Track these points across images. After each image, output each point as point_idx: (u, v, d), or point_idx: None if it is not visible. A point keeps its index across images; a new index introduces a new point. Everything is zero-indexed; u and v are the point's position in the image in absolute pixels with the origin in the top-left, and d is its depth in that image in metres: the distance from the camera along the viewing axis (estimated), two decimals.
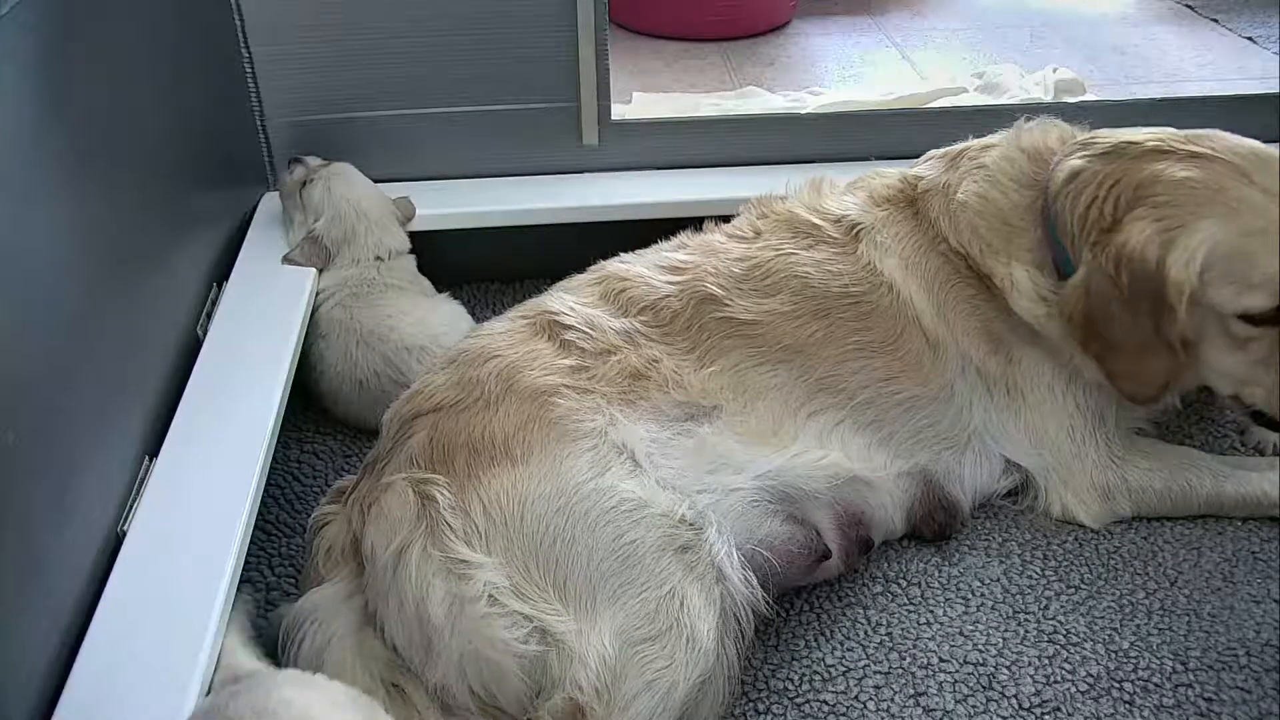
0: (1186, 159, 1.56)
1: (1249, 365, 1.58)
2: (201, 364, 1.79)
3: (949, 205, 1.75)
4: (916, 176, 1.83)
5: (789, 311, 1.69)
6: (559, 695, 1.31)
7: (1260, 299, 1.51)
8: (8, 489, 1.19)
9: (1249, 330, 1.54)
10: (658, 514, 1.42)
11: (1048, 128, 1.79)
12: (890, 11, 4.41)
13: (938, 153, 1.87)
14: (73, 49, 1.49)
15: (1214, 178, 1.53)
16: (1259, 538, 1.75)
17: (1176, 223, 1.52)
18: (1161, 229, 1.53)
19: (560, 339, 1.62)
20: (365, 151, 2.27)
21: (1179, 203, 1.53)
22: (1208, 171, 1.54)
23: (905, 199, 1.81)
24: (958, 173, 1.78)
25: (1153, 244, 1.52)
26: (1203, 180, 1.53)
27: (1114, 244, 1.55)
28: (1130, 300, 1.55)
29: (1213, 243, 1.50)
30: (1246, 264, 1.50)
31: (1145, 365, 1.59)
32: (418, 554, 1.37)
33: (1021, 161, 1.75)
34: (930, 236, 1.75)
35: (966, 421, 1.74)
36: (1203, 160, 1.55)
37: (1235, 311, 1.53)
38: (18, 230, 1.29)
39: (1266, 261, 1.49)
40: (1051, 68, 3.33)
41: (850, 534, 1.64)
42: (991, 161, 1.77)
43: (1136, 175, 1.58)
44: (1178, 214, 1.53)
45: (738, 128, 2.47)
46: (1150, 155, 1.59)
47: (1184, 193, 1.53)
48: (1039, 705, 1.50)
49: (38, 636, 1.25)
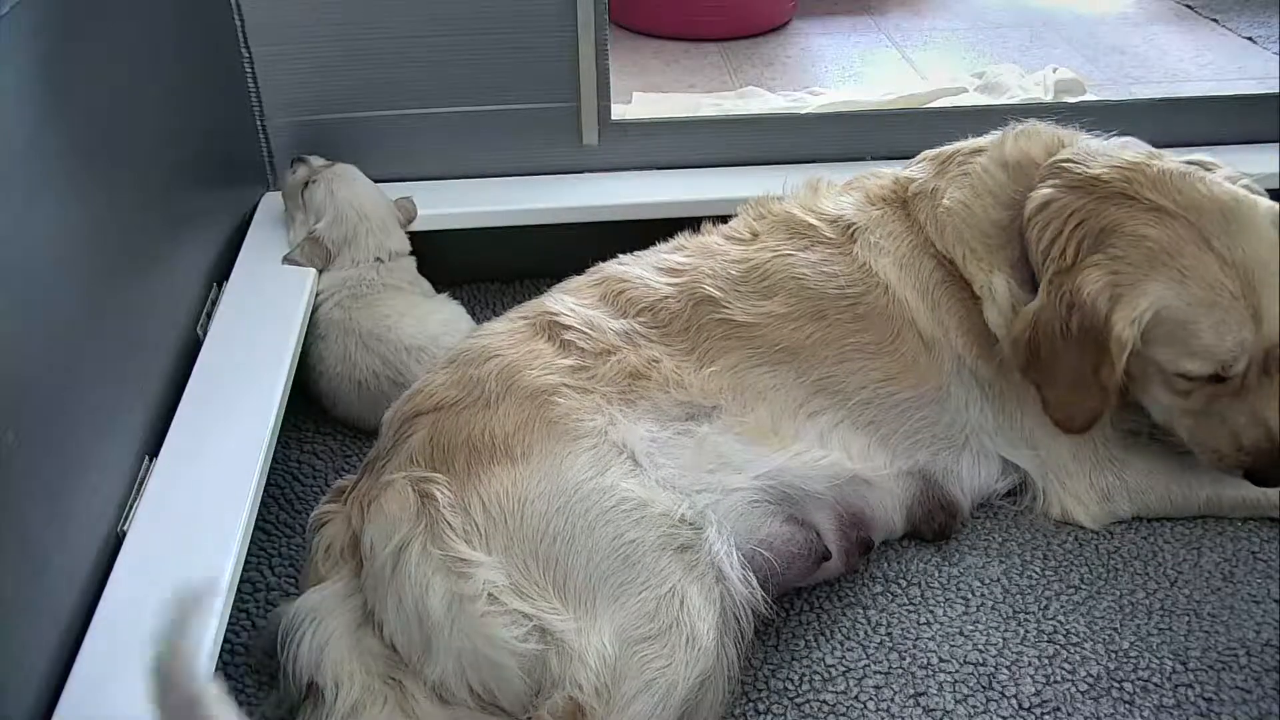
0: (1149, 212, 1.58)
1: (1182, 411, 1.65)
2: (201, 364, 1.79)
3: (935, 211, 1.77)
4: (908, 179, 1.84)
5: (786, 313, 1.69)
6: (559, 694, 1.30)
7: (1197, 365, 1.57)
8: (8, 489, 1.19)
9: (1187, 385, 1.61)
10: (657, 513, 1.42)
11: (1033, 136, 1.79)
12: (890, 11, 4.41)
13: (930, 153, 1.88)
14: (73, 49, 1.49)
15: (1171, 239, 1.55)
16: (1259, 538, 1.75)
17: (1128, 279, 1.56)
18: (1113, 283, 1.56)
19: (560, 339, 1.62)
20: (365, 151, 2.27)
21: (1133, 261, 1.56)
22: (1166, 230, 1.56)
23: (898, 200, 1.81)
24: (945, 178, 1.79)
25: (1104, 296, 1.56)
26: (1159, 240, 1.55)
27: (1069, 286, 1.59)
28: (1076, 342, 1.59)
29: (1160, 306, 1.55)
30: (1188, 333, 1.55)
31: (1077, 400, 1.64)
32: (417, 552, 1.38)
33: (1002, 177, 1.75)
34: (923, 239, 1.76)
35: (963, 422, 1.74)
36: (1164, 216, 1.56)
37: (1174, 371, 1.59)
38: (18, 230, 1.29)
39: (1209, 334, 1.54)
40: (1051, 68, 3.33)
41: (850, 535, 1.64)
42: (974, 171, 1.78)
43: (1099, 220, 1.60)
44: (1131, 272, 1.56)
45: (738, 128, 2.47)
46: (1116, 199, 1.60)
47: (1140, 251, 1.56)
48: (1039, 705, 1.50)
49: (38, 636, 1.25)
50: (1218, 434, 1.62)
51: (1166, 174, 1.60)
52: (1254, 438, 1.60)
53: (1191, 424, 1.65)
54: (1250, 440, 1.60)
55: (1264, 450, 1.60)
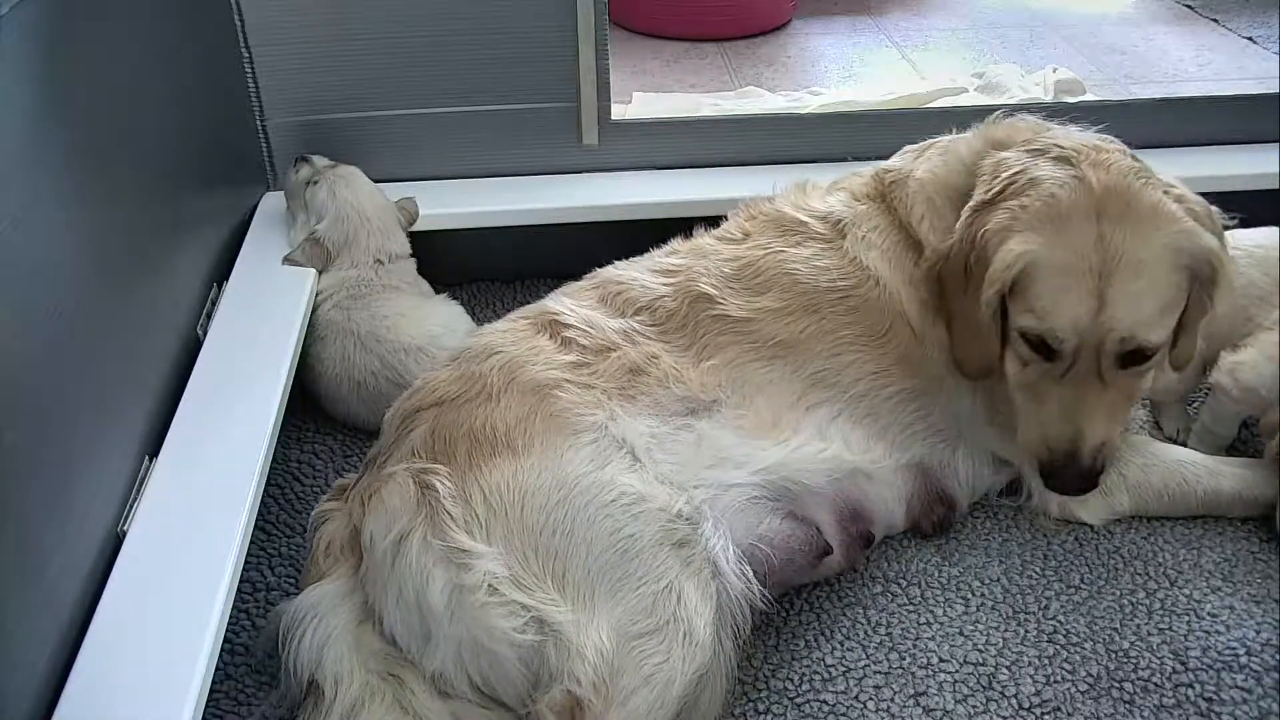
0: (1070, 176, 1.58)
1: (1018, 382, 1.63)
2: (201, 364, 1.79)
3: (907, 189, 1.79)
4: (885, 169, 1.86)
5: (780, 308, 1.70)
6: (557, 689, 1.31)
7: (1032, 323, 1.56)
8: (8, 489, 1.19)
9: (1027, 352, 1.59)
10: (656, 508, 1.43)
11: (1018, 123, 1.80)
12: (890, 11, 4.41)
13: (911, 147, 1.90)
14: (73, 49, 1.49)
15: (1069, 203, 1.56)
16: (1259, 538, 1.75)
17: (1020, 226, 1.57)
18: (1009, 226, 1.57)
19: (561, 336, 1.63)
20: (365, 151, 2.27)
21: (1032, 211, 1.57)
22: (1071, 194, 1.56)
23: (879, 194, 1.83)
24: (921, 160, 1.82)
25: (996, 236, 1.58)
26: (1059, 201, 1.56)
27: (977, 223, 1.61)
28: (973, 280, 1.60)
29: (1031, 258, 1.55)
30: (1037, 290, 1.55)
31: (972, 343, 1.66)
32: (418, 542, 1.38)
33: (978, 145, 1.77)
34: (904, 233, 1.77)
35: (956, 414, 1.74)
36: (1080, 186, 1.57)
37: (1015, 326, 1.59)
38: (18, 230, 1.29)
39: (1047, 296, 1.54)
40: (1051, 68, 3.34)
41: (851, 529, 1.65)
42: (955, 146, 1.80)
43: (1031, 173, 1.61)
44: (1025, 219, 1.57)
45: (738, 128, 2.48)
46: (1057, 162, 1.62)
47: (1041, 204, 1.57)
48: (1039, 705, 1.50)
49: (38, 636, 1.25)
50: (1034, 417, 1.61)
51: (1113, 161, 1.61)
52: (1059, 433, 1.58)
53: (1021, 399, 1.64)
54: (1055, 434, 1.58)
55: (1062, 451, 1.58)
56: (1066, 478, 1.59)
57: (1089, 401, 1.56)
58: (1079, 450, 1.56)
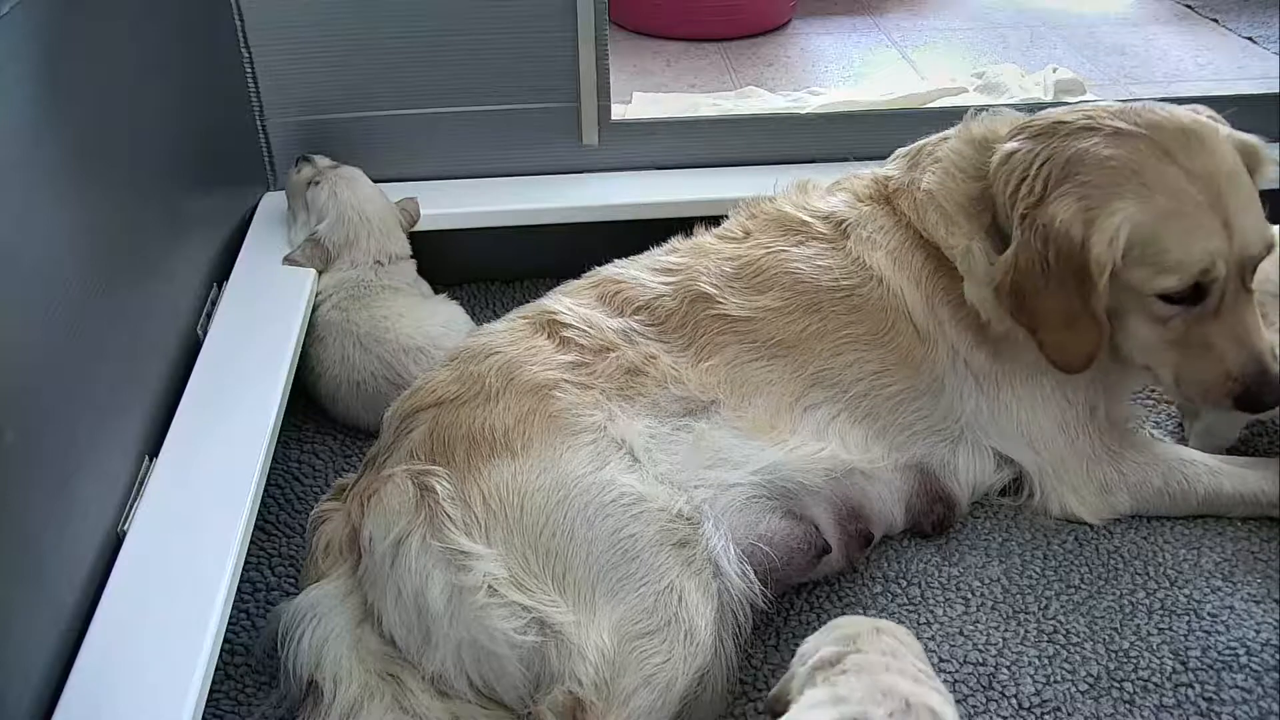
0: (1111, 136, 1.58)
1: (1164, 344, 1.62)
2: (201, 364, 1.79)
3: (915, 199, 1.78)
4: (886, 176, 1.86)
5: (781, 307, 1.70)
6: (558, 689, 1.31)
7: (1173, 282, 1.55)
8: (8, 489, 1.19)
9: (1167, 309, 1.58)
10: (655, 509, 1.43)
11: (997, 117, 1.80)
12: (890, 11, 4.41)
13: (902, 151, 1.90)
14: (73, 49, 1.49)
15: (1135, 156, 1.55)
16: (1259, 538, 1.75)
17: (1097, 201, 1.55)
18: (1085, 207, 1.56)
19: (559, 336, 1.63)
20: (365, 151, 2.27)
21: (1099, 183, 1.55)
22: (1129, 149, 1.56)
23: (882, 197, 1.83)
24: (920, 169, 1.81)
25: (1077, 222, 1.55)
26: (1123, 159, 1.55)
27: (1041, 219, 1.58)
28: (1056, 276, 1.58)
29: (1132, 224, 1.53)
30: (1159, 248, 1.53)
31: (1072, 336, 1.62)
32: (417, 544, 1.38)
33: (970, 152, 1.76)
34: (912, 232, 1.77)
35: (958, 414, 1.74)
36: (1125, 138, 1.57)
37: (1152, 292, 1.57)
38: (18, 230, 1.29)
39: (1178, 246, 1.52)
40: (1051, 68, 3.34)
41: (849, 528, 1.65)
42: (945, 154, 1.79)
43: (1065, 152, 1.60)
44: (1099, 194, 1.55)
45: (738, 128, 2.48)
46: (1079, 133, 1.61)
47: (1104, 173, 1.55)
48: (1039, 705, 1.50)
49: (38, 636, 1.25)
50: (1203, 364, 1.59)
51: (1119, 110, 1.62)
52: (1240, 360, 1.57)
53: (1176, 358, 1.62)
54: (1237, 364, 1.57)
55: (1252, 372, 1.56)
56: (1267, 391, 1.58)
57: (1246, 320, 1.57)
58: (1265, 365, 1.56)
